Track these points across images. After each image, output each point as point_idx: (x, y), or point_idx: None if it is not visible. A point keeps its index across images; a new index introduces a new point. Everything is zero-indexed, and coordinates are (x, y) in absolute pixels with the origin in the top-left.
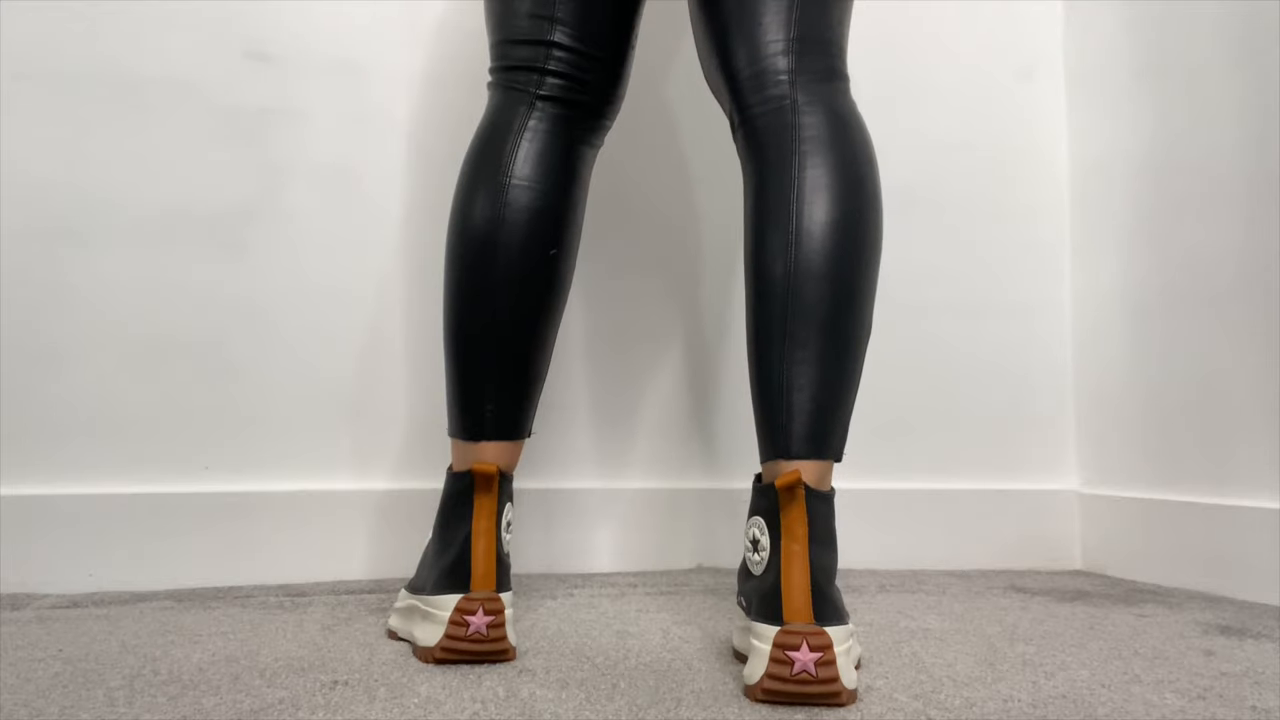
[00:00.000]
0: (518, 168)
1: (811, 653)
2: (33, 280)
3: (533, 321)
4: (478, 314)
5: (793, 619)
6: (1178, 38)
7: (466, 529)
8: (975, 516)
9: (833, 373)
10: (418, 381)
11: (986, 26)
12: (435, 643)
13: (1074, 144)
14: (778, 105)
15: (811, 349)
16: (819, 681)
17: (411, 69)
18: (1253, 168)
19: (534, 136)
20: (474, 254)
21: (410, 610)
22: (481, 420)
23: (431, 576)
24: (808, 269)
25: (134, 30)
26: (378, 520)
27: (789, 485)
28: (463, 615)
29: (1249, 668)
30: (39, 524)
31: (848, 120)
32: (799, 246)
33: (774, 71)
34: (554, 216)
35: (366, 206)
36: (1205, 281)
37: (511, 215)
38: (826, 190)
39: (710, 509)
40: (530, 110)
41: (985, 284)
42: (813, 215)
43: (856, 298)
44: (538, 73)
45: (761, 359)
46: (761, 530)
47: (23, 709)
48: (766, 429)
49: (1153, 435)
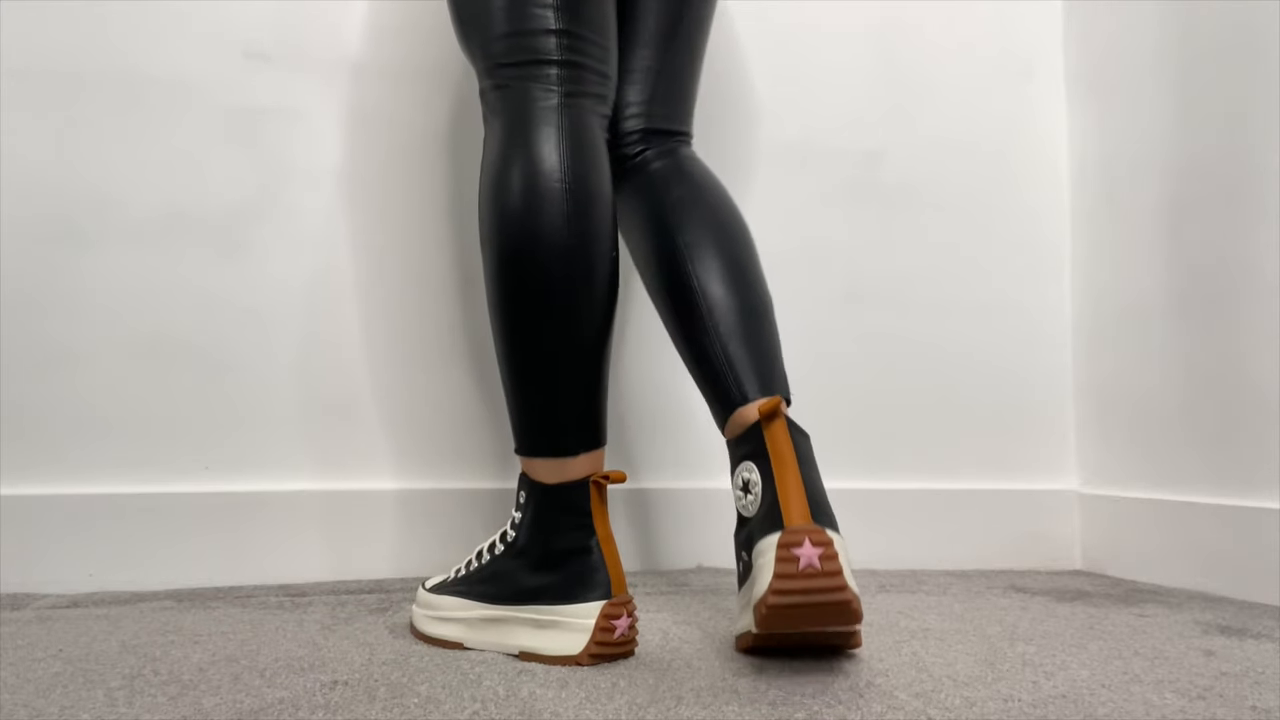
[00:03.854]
0: (571, 171)
1: (814, 548)
2: (33, 280)
3: (607, 327)
4: (565, 331)
5: (793, 522)
6: (1178, 38)
7: (588, 538)
8: (975, 516)
9: (750, 327)
10: (417, 382)
11: (986, 26)
12: (581, 649)
13: (1074, 144)
14: None
15: (730, 316)
16: (825, 575)
17: (411, 69)
18: (1252, 167)
19: (573, 134)
20: (548, 270)
21: (504, 621)
22: (580, 435)
23: (544, 586)
24: (705, 261)
25: (134, 30)
26: (377, 520)
27: (770, 411)
28: (609, 620)
29: (1249, 668)
30: (39, 524)
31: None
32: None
33: None
34: (611, 215)
35: (366, 206)
36: (1205, 281)
37: (579, 224)
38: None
39: (710, 509)
40: (562, 106)
41: (985, 284)
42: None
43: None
44: (556, 65)
45: (691, 340)
46: (750, 469)
47: (23, 709)
48: (720, 389)
49: (1153, 435)
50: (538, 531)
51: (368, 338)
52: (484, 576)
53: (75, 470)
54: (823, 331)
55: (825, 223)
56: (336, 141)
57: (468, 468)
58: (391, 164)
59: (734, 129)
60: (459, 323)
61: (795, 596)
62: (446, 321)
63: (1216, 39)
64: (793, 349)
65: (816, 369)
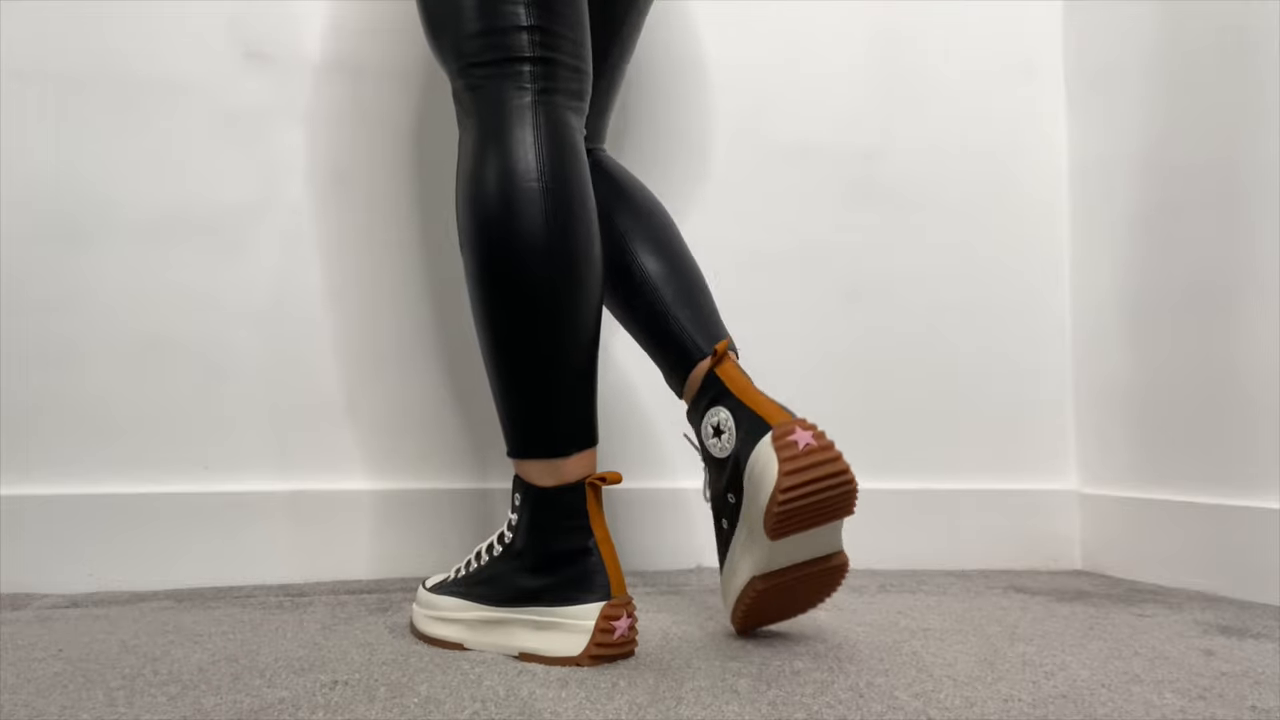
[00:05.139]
0: (549, 171)
1: (805, 430)
2: (32, 280)
3: (595, 325)
4: (551, 333)
5: (777, 419)
6: (1178, 38)
7: (586, 539)
8: (975, 516)
9: (692, 295)
10: (417, 381)
11: (986, 26)
12: (581, 650)
13: (1074, 144)
14: None
15: (671, 287)
16: (823, 449)
17: (410, 69)
18: (1252, 167)
19: (550, 132)
20: (530, 272)
21: (504, 623)
22: (572, 435)
23: (543, 588)
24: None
25: (134, 30)
26: (378, 520)
27: (723, 350)
28: (609, 621)
29: (1249, 668)
30: (39, 524)
31: None
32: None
33: None
34: (593, 212)
35: (366, 206)
36: (1205, 281)
37: (560, 223)
38: None
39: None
40: (536, 104)
41: (985, 284)
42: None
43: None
44: (529, 62)
45: (642, 314)
46: (717, 411)
47: (23, 709)
48: (679, 352)
49: (1153, 435)
50: (534, 534)
51: (368, 337)
52: (482, 578)
53: (75, 470)
54: (823, 331)
55: (825, 223)
56: (336, 141)
57: (469, 467)
58: (391, 164)
59: (734, 129)
60: (465, 321)
61: (805, 475)
62: (450, 321)
63: (1216, 39)
64: (793, 349)
65: (816, 369)
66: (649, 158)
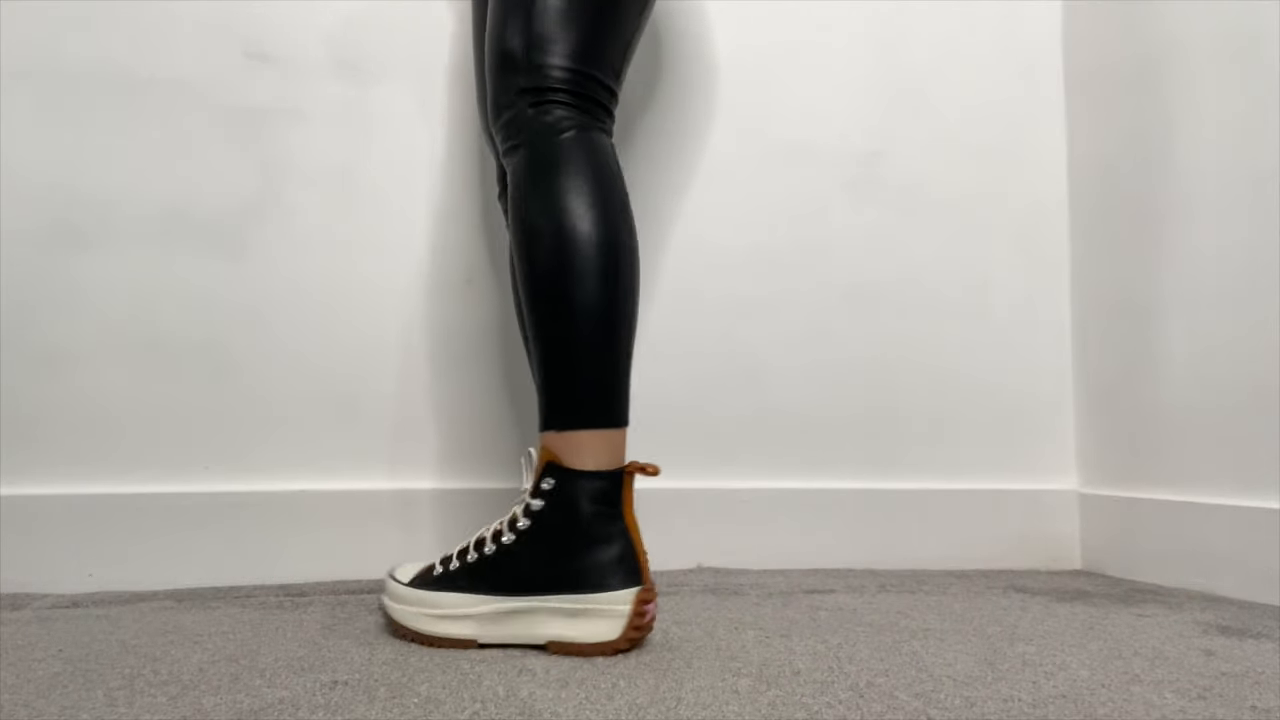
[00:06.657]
0: (623, 187)
1: (653, 605)
2: (33, 280)
3: (636, 302)
4: (627, 313)
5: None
6: (1177, 38)
7: (618, 524)
8: (975, 516)
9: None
10: (417, 381)
11: (986, 27)
12: (619, 635)
13: (1074, 144)
14: None
15: None
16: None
17: (411, 69)
18: (1252, 167)
19: (598, 163)
20: (619, 264)
21: (528, 612)
22: (625, 406)
23: (576, 572)
24: None
25: (134, 30)
26: (378, 520)
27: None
28: (643, 605)
29: (1249, 668)
30: (39, 524)
31: None
32: None
33: None
34: (633, 221)
35: (366, 206)
36: (1205, 281)
37: (632, 224)
38: None
39: (710, 509)
40: (583, 131)
41: (986, 283)
42: None
43: None
44: (605, 110)
45: None
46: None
47: (23, 709)
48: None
49: (1153, 435)
50: (566, 518)
51: (368, 337)
52: (494, 567)
53: (75, 470)
54: (823, 331)
55: (825, 223)
56: (336, 141)
57: (468, 468)
58: (391, 164)
59: (734, 129)
60: (460, 322)
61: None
62: (447, 321)
63: (1216, 39)
64: (793, 349)
65: (816, 369)
66: (649, 157)
